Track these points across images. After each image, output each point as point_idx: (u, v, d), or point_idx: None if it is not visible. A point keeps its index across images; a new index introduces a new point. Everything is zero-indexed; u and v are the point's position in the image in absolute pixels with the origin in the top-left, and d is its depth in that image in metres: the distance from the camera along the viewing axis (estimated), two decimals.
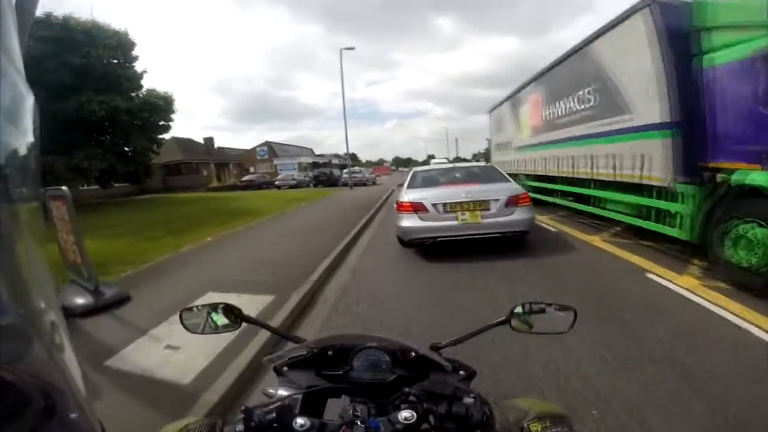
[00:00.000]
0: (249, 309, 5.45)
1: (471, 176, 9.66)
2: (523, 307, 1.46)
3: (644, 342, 4.25)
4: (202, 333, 1.50)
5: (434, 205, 8.13)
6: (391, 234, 9.79)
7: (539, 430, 1.06)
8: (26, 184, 0.56)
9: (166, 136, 32.03)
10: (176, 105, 28.69)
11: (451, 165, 11.93)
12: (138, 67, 27.65)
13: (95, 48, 23.52)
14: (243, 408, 1.09)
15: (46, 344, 0.55)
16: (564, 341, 4.13)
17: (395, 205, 8.92)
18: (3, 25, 0.53)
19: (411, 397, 1.14)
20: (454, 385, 1.21)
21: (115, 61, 25.89)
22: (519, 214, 8.07)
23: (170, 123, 29.91)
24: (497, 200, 8.06)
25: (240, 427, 1.07)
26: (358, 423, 1.05)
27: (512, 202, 8.11)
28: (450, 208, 8.09)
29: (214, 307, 1.50)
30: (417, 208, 8.18)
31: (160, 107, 28.00)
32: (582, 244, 8.94)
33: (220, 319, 1.50)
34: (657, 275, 6.36)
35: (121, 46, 25.81)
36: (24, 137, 0.55)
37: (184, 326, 1.50)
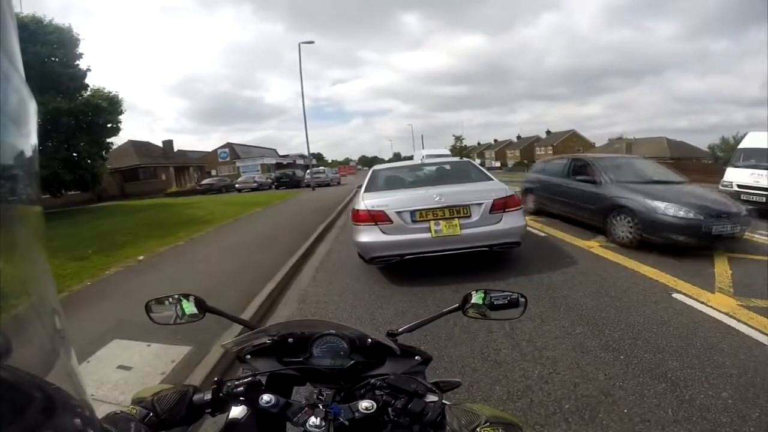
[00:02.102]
0: (156, 365, 4.12)
1: (445, 175, 8.09)
2: (476, 293, 1.52)
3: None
4: (175, 324, 1.52)
5: (399, 213, 6.35)
6: (351, 246, 8.10)
7: None
8: (29, 187, 0.52)
9: (116, 139, 29.91)
10: (140, 106, 27.29)
11: (440, 160, 10.24)
12: (82, 65, 25.54)
13: (33, 44, 21.54)
14: (215, 379, 1.16)
15: (46, 344, 0.54)
16: None
17: (351, 214, 7.12)
18: (3, 26, 0.49)
19: (376, 389, 1.17)
20: (418, 381, 1.21)
21: (56, 59, 23.73)
22: (508, 222, 6.38)
23: (118, 125, 27.89)
24: (480, 204, 6.35)
25: (208, 396, 1.14)
26: (320, 407, 1.09)
27: (499, 206, 6.39)
28: (420, 216, 6.33)
29: (185, 295, 1.52)
30: (377, 218, 6.39)
31: (105, 108, 25.81)
32: (580, 252, 7.87)
33: (189, 308, 1.51)
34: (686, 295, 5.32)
35: (62, 42, 23.65)
36: (28, 140, 0.52)
37: (152, 319, 1.52)
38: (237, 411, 1.12)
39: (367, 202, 6.65)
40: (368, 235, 6.44)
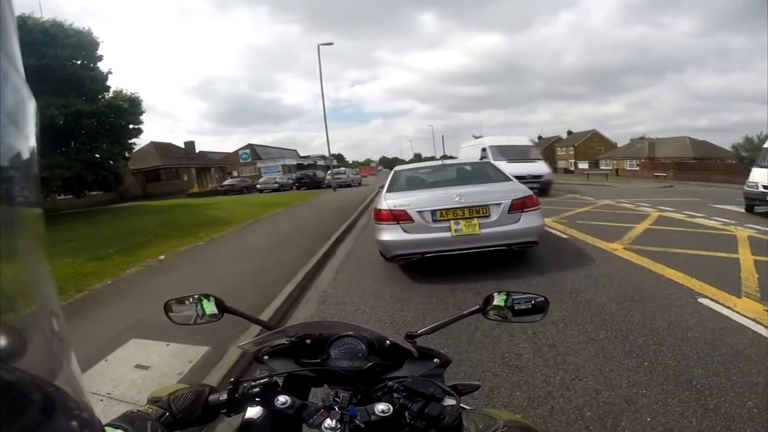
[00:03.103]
0: (173, 365, 4.09)
1: (465, 176, 8.32)
2: (497, 296, 1.51)
3: None
4: (194, 324, 1.54)
5: (420, 212, 6.56)
6: (372, 246, 8.44)
7: None
8: (28, 189, 0.51)
9: (138, 140, 30.18)
10: (160, 108, 27.54)
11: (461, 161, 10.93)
12: (103, 67, 25.86)
13: (54, 48, 21.76)
14: (232, 379, 1.15)
15: (46, 344, 0.52)
16: None
17: (373, 213, 7.37)
18: (3, 26, 0.48)
19: (393, 391, 1.16)
20: (436, 384, 1.18)
21: (77, 61, 23.99)
22: (527, 222, 6.54)
23: (139, 126, 28.16)
24: (499, 204, 6.52)
25: (224, 396, 1.13)
26: (336, 409, 1.08)
27: (517, 206, 6.55)
28: (441, 216, 6.52)
29: (205, 295, 1.54)
30: (399, 217, 6.60)
31: (126, 110, 26.07)
32: (603, 255, 7.78)
33: (209, 308, 1.53)
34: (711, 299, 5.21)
35: (83, 45, 23.91)
36: (27, 141, 0.51)
37: (171, 319, 1.54)
38: (252, 412, 1.14)
39: (389, 201, 6.87)
40: (390, 234, 6.64)
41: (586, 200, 17.93)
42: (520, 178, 8.44)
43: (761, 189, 12.31)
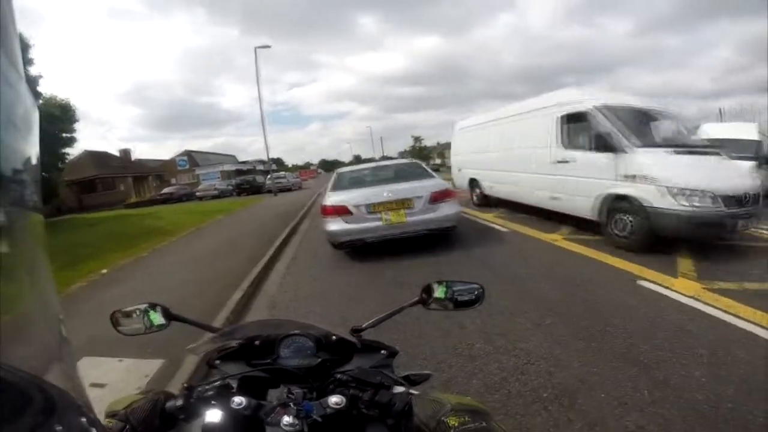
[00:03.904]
0: (130, 381, 3.97)
1: (396, 174, 9.51)
2: (437, 287, 1.56)
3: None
4: (143, 334, 1.52)
5: (357, 206, 7.96)
6: (317, 250, 8.98)
7: (456, 424, 1.00)
8: (33, 192, 0.55)
9: (71, 149, 29.05)
10: (93, 115, 26.21)
11: (393, 162, 11.70)
12: (33, 71, 24.53)
13: None
14: (185, 385, 1.17)
15: (46, 343, 0.55)
16: None
17: (320, 209, 8.71)
18: (3, 27, 0.50)
19: (344, 384, 1.19)
20: (383, 373, 1.25)
21: None
22: (444, 210, 8.04)
23: (73, 135, 27.09)
24: (420, 197, 7.97)
25: (180, 402, 1.12)
26: (291, 405, 1.09)
27: (437, 198, 8.06)
28: (373, 208, 7.91)
29: (151, 305, 1.52)
30: (340, 211, 8.03)
31: (58, 117, 25.06)
32: (544, 246, 8.01)
33: (157, 318, 1.52)
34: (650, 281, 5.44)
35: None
36: (30, 146, 0.54)
37: (120, 332, 1.53)
38: (211, 415, 1.13)
39: (332, 198, 8.31)
40: (334, 225, 8.00)
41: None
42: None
43: None
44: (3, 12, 0.50)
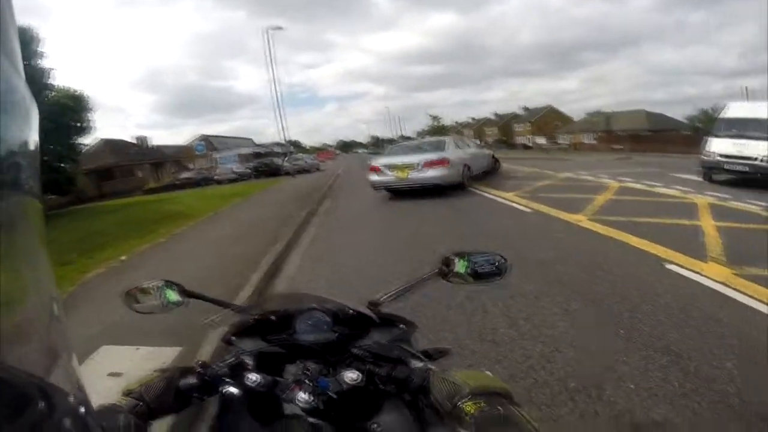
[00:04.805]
0: (147, 369, 3.86)
1: (419, 148, 14.63)
2: (458, 261, 1.48)
3: None
4: (159, 312, 1.49)
5: (384, 166, 13.65)
6: (336, 232, 9.07)
7: (473, 411, 0.91)
8: (33, 179, 0.53)
9: (87, 139, 29.17)
10: (108, 104, 26.16)
11: (427, 140, 17.69)
12: (45, 65, 24.49)
13: None
14: (199, 362, 1.15)
15: (45, 343, 0.54)
16: None
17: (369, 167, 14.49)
18: (3, 26, 0.50)
19: (360, 359, 1.18)
20: (401, 347, 1.24)
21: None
22: (432, 173, 12.69)
23: (86, 124, 27.16)
24: (418, 164, 12.89)
25: (194, 380, 1.12)
26: (307, 382, 1.09)
27: (428, 165, 12.75)
28: (390, 169, 13.44)
29: (168, 283, 1.49)
30: (376, 169, 13.84)
31: (71, 108, 25.17)
32: (567, 226, 7.91)
33: (173, 296, 1.49)
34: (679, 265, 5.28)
35: (23, 43, 22.72)
36: (30, 136, 0.53)
37: (135, 309, 1.50)
38: (227, 393, 1.12)
39: (376, 162, 14.33)
40: (373, 176, 13.92)
41: (546, 174, 18.09)
42: None
43: (717, 158, 12.70)
44: (2, 11, 0.50)
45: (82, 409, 0.55)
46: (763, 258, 5.25)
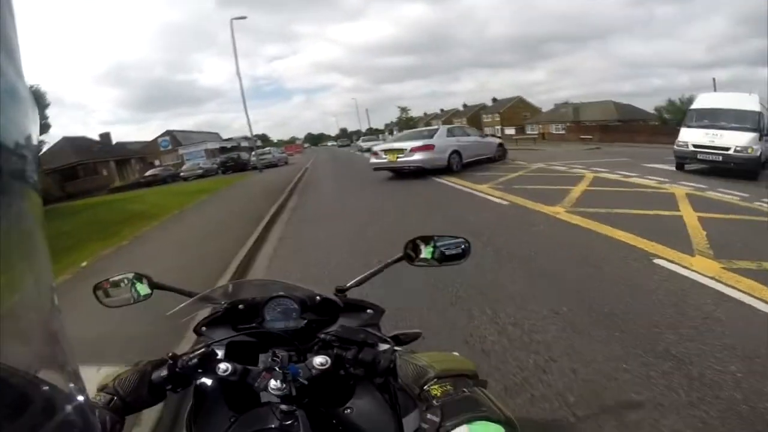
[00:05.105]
0: None
1: (413, 136, 17.10)
2: (424, 247, 1.51)
3: None
4: (128, 305, 1.53)
5: (379, 151, 16.36)
6: (307, 232, 8.78)
7: (439, 394, 0.94)
8: (33, 171, 0.51)
9: (45, 137, 28.41)
10: (68, 100, 25.64)
11: (424, 129, 21.37)
12: None
13: None
14: (169, 354, 1.13)
15: (45, 343, 0.53)
16: None
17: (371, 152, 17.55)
18: (3, 26, 0.48)
19: (328, 345, 1.16)
20: (367, 331, 1.21)
21: None
22: (417, 157, 14.83)
23: (46, 121, 26.51)
24: (407, 149, 15.16)
25: (164, 372, 1.11)
26: (277, 369, 1.07)
27: (414, 150, 14.94)
28: (384, 153, 15.96)
29: (138, 276, 1.54)
30: (375, 153, 16.59)
31: None
32: (546, 219, 7.68)
33: (143, 289, 1.52)
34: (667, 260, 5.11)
35: None
36: (27, 137, 0.50)
37: (104, 304, 1.55)
38: (200, 383, 1.15)
39: (375, 147, 18.13)
40: (372, 159, 16.51)
41: (518, 165, 17.89)
42: None
43: (691, 148, 12.88)
44: (2, 11, 0.47)
45: (83, 409, 0.52)
46: (749, 250, 5.18)
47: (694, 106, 14.39)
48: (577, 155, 21.56)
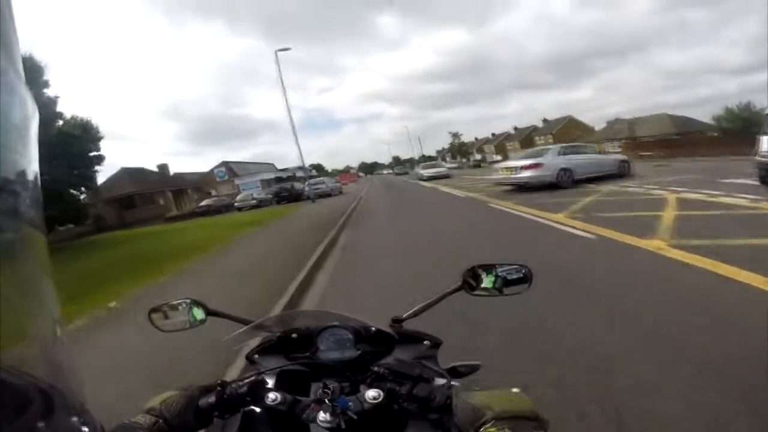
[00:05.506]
0: None
1: (532, 155, 18.76)
2: (476, 269, 1.43)
3: None
4: (183, 329, 1.51)
5: (500, 168, 19.54)
6: (357, 275, 7.77)
7: None
8: (33, 207, 0.53)
9: (100, 167, 28.80)
10: (128, 135, 25.93)
11: (540, 148, 23.37)
12: (50, 93, 24.56)
13: None
14: (219, 381, 1.11)
15: (45, 344, 0.55)
16: None
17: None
18: (3, 26, 0.50)
19: (381, 378, 1.14)
20: (423, 365, 1.21)
21: None
22: (524, 174, 16.83)
23: (99, 153, 26.80)
24: (518, 167, 17.40)
25: (213, 398, 1.07)
26: (326, 401, 1.05)
27: (524, 168, 16.91)
28: (503, 170, 18.81)
29: (194, 301, 1.51)
30: (497, 170, 20.09)
31: (80, 137, 24.86)
32: (649, 258, 6.09)
33: (199, 313, 1.50)
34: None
35: (26, 69, 22.13)
36: (26, 150, 0.52)
37: (160, 328, 1.51)
38: (248, 411, 1.12)
39: (497, 165, 23.41)
40: (493, 174, 20.55)
41: (588, 188, 15.88)
42: None
43: None
44: (2, 11, 0.48)
45: (83, 411, 0.53)
46: None
47: None
48: (646, 174, 19.67)
